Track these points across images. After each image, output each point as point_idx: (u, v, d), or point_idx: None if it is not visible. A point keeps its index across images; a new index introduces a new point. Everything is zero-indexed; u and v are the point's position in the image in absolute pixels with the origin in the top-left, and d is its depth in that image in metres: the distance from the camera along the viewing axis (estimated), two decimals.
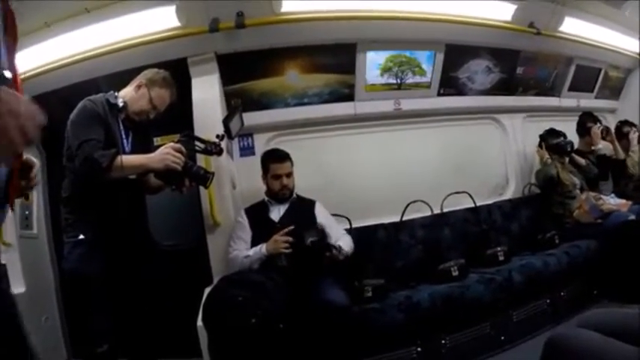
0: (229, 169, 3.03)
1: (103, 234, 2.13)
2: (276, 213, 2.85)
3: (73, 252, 2.13)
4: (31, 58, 2.94)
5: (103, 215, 2.14)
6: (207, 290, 2.52)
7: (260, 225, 2.79)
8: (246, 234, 2.77)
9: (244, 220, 2.83)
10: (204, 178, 2.22)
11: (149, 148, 2.29)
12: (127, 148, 2.26)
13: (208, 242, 2.86)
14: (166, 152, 2.10)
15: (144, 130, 2.39)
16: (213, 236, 2.85)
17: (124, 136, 2.26)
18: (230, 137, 2.66)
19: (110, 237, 2.14)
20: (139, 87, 2.30)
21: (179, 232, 3.39)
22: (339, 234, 2.85)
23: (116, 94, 2.27)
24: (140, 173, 2.24)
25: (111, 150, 2.06)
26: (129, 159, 2.12)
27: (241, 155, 3.43)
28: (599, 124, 4.10)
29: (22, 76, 2.88)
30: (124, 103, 2.25)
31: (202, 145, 2.32)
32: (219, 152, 2.35)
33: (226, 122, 2.57)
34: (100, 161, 2.00)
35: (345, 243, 2.74)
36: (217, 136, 2.37)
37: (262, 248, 2.61)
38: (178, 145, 2.14)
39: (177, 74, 2.79)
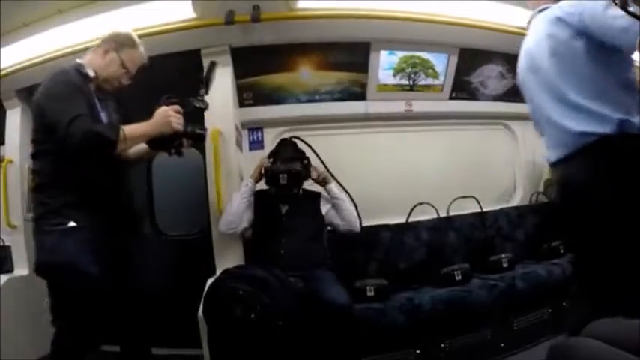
0: (237, 161, 3.04)
1: (95, 219, 1.96)
2: (282, 204, 2.87)
3: (65, 242, 1.89)
4: (45, 45, 2.96)
5: (90, 198, 1.98)
6: (209, 281, 2.53)
7: (265, 212, 2.83)
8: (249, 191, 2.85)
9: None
10: (201, 136, 2.17)
11: (123, 121, 2.09)
12: (105, 122, 2.07)
13: (213, 233, 2.87)
14: (169, 115, 2.01)
15: (114, 101, 2.23)
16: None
17: (100, 109, 2.06)
18: (206, 92, 2.42)
19: (102, 221, 1.99)
20: (106, 52, 2.12)
21: (185, 223, 3.41)
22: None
23: (81, 61, 2.10)
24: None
25: (112, 122, 1.96)
26: (131, 129, 1.96)
27: (251, 149, 3.43)
28: None
29: (34, 61, 2.95)
30: (95, 72, 2.07)
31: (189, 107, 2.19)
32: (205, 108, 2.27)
33: (207, 78, 2.44)
34: (107, 135, 1.86)
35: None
36: (199, 96, 2.25)
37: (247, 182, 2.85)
38: (176, 107, 2.05)
39: (191, 65, 2.81)
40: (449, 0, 3.15)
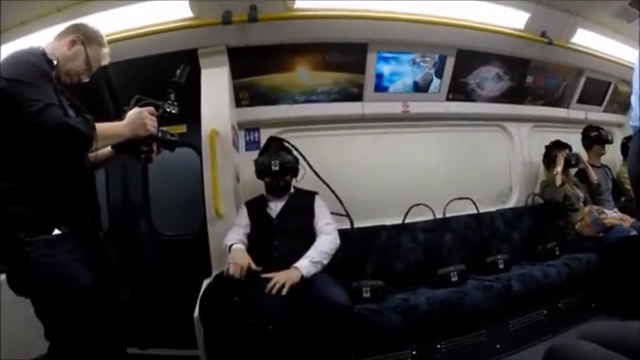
0: (234, 161, 3.03)
1: (78, 224, 1.74)
2: (274, 207, 2.85)
3: (52, 253, 1.62)
4: (41, 43, 2.93)
5: (71, 201, 1.73)
6: (205, 282, 2.52)
7: (258, 218, 2.81)
8: (244, 221, 2.80)
9: (244, 210, 2.87)
10: (174, 142, 2.00)
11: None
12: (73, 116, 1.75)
13: (209, 233, 2.86)
14: (145, 116, 1.82)
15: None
16: (215, 228, 2.84)
17: (64, 103, 1.76)
18: (178, 97, 2.10)
19: (85, 227, 1.78)
20: (72, 43, 1.88)
21: (182, 223, 3.40)
22: (324, 227, 2.76)
23: (42, 47, 1.80)
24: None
25: (85, 117, 1.67)
26: (104, 128, 1.71)
27: (247, 149, 3.42)
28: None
29: None
30: (57, 60, 1.79)
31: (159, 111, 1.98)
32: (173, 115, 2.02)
33: (179, 82, 2.08)
34: (81, 129, 1.58)
35: (325, 239, 2.69)
36: (169, 101, 1.99)
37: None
38: (151, 108, 1.87)
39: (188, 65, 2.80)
40: (446, 1, 3.16)
